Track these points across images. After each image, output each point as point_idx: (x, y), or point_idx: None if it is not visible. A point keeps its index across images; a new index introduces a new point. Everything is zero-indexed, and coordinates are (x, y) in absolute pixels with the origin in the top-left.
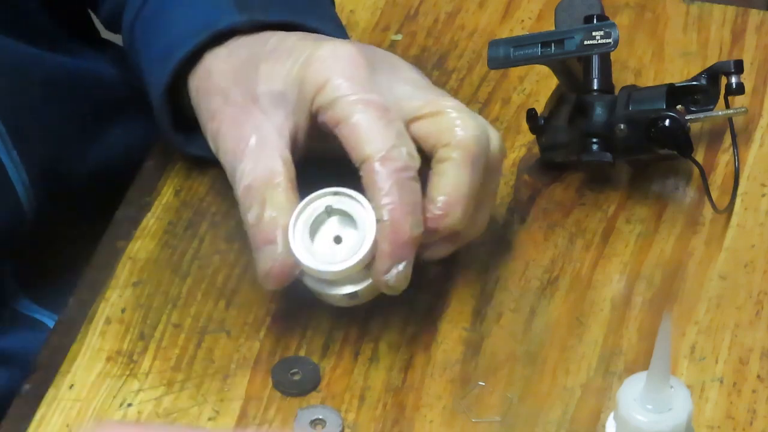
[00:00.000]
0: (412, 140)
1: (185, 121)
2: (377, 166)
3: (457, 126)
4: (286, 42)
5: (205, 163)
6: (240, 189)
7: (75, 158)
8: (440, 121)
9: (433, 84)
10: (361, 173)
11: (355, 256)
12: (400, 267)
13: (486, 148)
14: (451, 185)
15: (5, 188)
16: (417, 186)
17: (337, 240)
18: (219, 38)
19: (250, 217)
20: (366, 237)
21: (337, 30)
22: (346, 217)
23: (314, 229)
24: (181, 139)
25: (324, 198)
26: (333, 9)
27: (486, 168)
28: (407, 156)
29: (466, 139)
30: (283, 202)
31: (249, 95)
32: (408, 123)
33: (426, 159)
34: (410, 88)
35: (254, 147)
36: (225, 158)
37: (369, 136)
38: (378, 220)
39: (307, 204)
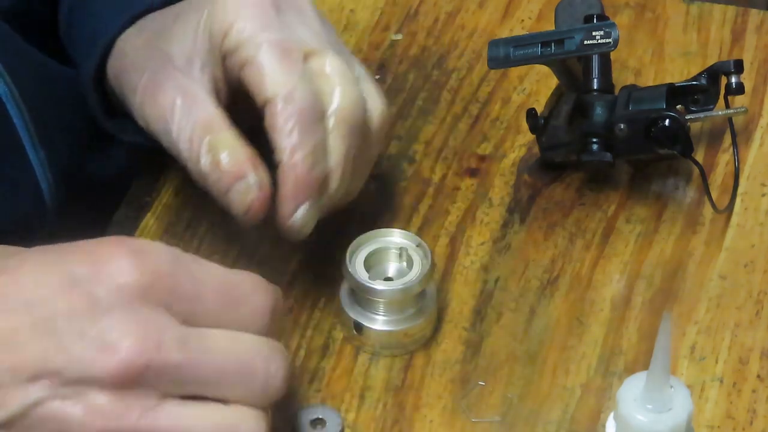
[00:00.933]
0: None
1: (114, 109)
2: (280, 106)
3: (335, 93)
4: (191, 1)
5: None
6: (182, 143)
7: (95, 159)
8: (322, 82)
9: (335, 36)
10: (264, 114)
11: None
12: (303, 209)
13: (361, 119)
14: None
15: (32, 187)
16: (320, 127)
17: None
18: (134, 20)
19: (204, 164)
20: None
21: None
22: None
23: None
24: (115, 126)
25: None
26: None
27: (362, 137)
28: (311, 96)
29: (341, 110)
30: (232, 140)
31: (164, 60)
32: None
33: None
34: (309, 35)
35: (182, 104)
36: (156, 126)
37: (272, 75)
38: (279, 162)
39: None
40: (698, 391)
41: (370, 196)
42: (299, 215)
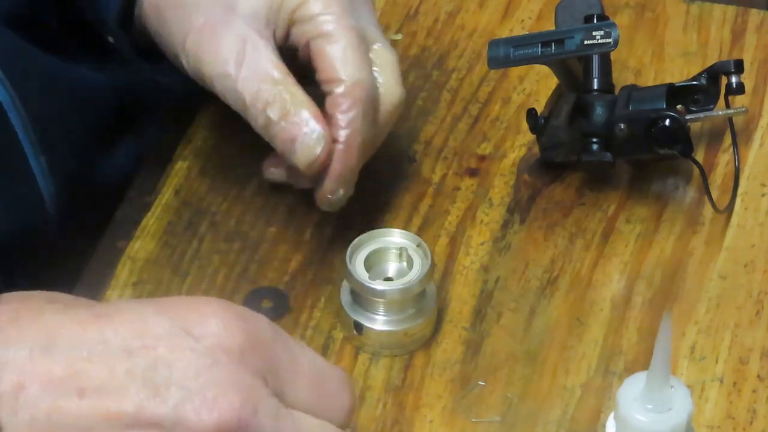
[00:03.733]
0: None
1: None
2: (348, 89)
3: (385, 87)
4: None
5: (205, 163)
6: (247, 90)
7: (97, 166)
8: (377, 73)
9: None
10: (328, 92)
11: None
12: (343, 190)
13: (399, 112)
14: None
15: (34, 196)
16: (375, 117)
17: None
18: None
19: (273, 113)
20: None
21: None
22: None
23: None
24: (149, 66)
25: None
26: None
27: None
28: (375, 88)
29: (388, 106)
30: (302, 94)
31: (227, 4)
32: None
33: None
34: (372, 25)
35: (250, 51)
36: (213, 69)
37: (345, 59)
38: (334, 140)
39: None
40: (698, 391)
41: (370, 196)
42: (339, 194)
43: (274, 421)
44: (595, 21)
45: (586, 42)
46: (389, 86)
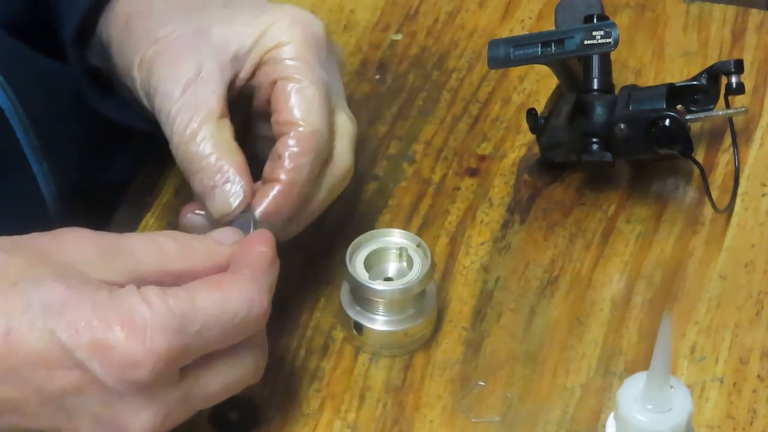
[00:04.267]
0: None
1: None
2: (305, 135)
3: (336, 154)
4: None
5: None
6: (179, 121)
7: (98, 170)
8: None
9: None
10: (281, 134)
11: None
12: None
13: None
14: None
15: (36, 199)
16: (318, 177)
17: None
18: None
19: (198, 151)
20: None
21: None
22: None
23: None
24: (95, 95)
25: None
26: None
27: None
28: (327, 146)
29: (333, 172)
30: (231, 140)
31: (197, 32)
32: None
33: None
34: (337, 87)
35: (200, 80)
36: (158, 83)
37: (309, 106)
38: (274, 181)
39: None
40: (698, 391)
41: (371, 196)
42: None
43: (186, 409)
44: (595, 21)
45: (586, 42)
46: (342, 154)
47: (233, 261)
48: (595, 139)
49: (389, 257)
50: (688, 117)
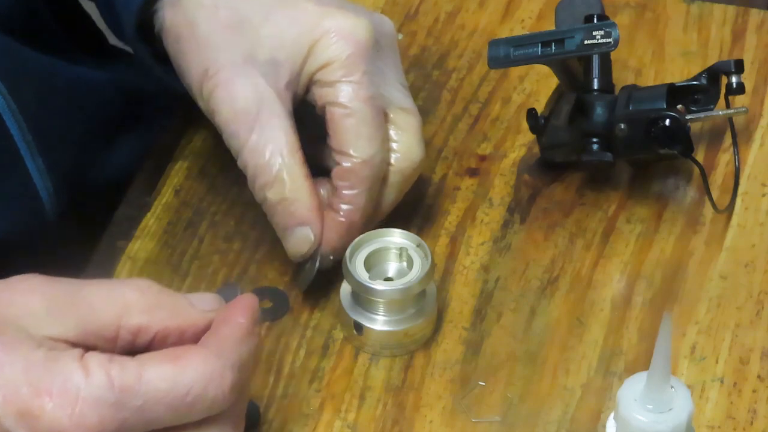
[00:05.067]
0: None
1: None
2: (356, 166)
3: (403, 151)
4: (286, 3)
5: (205, 163)
6: (251, 164)
7: (95, 165)
8: (394, 134)
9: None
10: (337, 163)
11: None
12: (334, 256)
13: (416, 174)
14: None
15: (31, 196)
16: (380, 185)
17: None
18: None
19: (271, 195)
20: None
21: None
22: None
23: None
24: (163, 72)
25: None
26: None
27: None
28: (383, 165)
29: (403, 170)
30: (303, 180)
31: (247, 58)
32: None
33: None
34: (395, 85)
35: (263, 116)
36: (222, 123)
37: (357, 134)
38: (335, 212)
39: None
40: (699, 391)
41: None
42: (331, 259)
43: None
44: (595, 21)
45: (586, 42)
46: (408, 149)
47: (208, 332)
48: (595, 139)
49: (389, 257)
50: (688, 117)
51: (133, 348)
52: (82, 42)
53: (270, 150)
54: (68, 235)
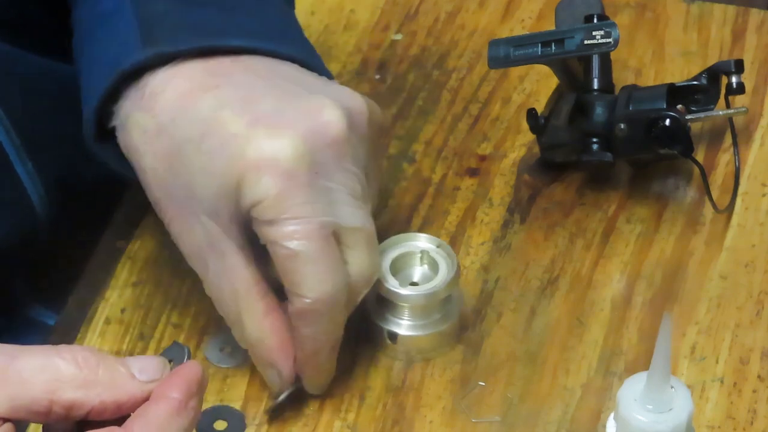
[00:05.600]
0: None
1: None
2: (312, 306)
3: (356, 269)
4: (216, 127)
5: None
6: (214, 299)
7: (85, 166)
8: (347, 254)
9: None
10: (291, 303)
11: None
12: (322, 381)
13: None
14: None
15: (21, 200)
16: (342, 316)
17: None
18: (131, 77)
19: (236, 334)
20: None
21: (266, 40)
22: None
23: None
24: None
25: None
26: (272, 6)
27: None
28: (341, 294)
29: (358, 286)
30: (263, 322)
31: (188, 193)
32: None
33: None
34: (345, 204)
35: (212, 256)
36: (184, 254)
37: (305, 274)
38: (302, 347)
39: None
40: (699, 391)
41: None
42: (320, 383)
43: None
44: (595, 21)
45: (586, 42)
46: (361, 269)
47: (138, 409)
48: (595, 139)
49: (413, 262)
50: (688, 117)
51: (68, 419)
52: (71, 41)
53: (226, 291)
54: (62, 238)
